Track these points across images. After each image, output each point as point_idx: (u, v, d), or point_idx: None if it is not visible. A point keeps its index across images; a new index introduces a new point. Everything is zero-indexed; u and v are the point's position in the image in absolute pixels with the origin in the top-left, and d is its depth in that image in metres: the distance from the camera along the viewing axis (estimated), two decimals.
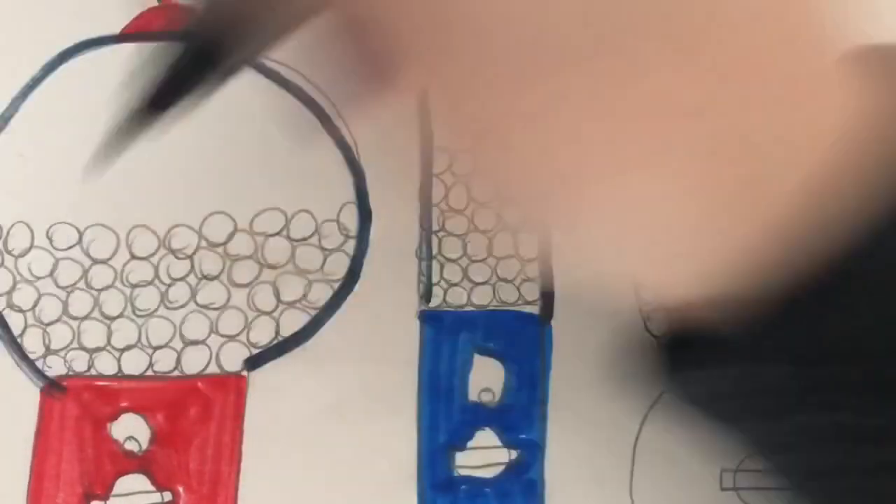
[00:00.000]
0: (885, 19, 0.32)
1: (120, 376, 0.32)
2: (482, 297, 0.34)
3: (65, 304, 0.32)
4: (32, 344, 0.32)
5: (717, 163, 0.21)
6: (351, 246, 0.33)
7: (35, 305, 0.32)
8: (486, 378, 0.33)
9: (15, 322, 0.32)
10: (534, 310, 0.34)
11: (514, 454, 0.33)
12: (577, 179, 0.21)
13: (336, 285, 0.33)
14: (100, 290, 0.32)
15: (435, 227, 0.34)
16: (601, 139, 0.20)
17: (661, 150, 0.20)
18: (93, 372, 0.32)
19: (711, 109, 0.20)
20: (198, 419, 0.32)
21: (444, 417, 0.33)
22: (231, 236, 0.33)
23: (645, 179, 0.21)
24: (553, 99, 0.20)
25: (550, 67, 0.20)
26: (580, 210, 0.22)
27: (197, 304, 0.32)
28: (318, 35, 0.33)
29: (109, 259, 0.32)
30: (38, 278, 0.32)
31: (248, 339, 0.33)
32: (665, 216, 0.21)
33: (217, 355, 0.32)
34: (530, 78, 0.20)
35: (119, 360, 0.32)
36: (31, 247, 0.32)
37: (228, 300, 0.33)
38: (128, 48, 0.33)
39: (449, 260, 0.34)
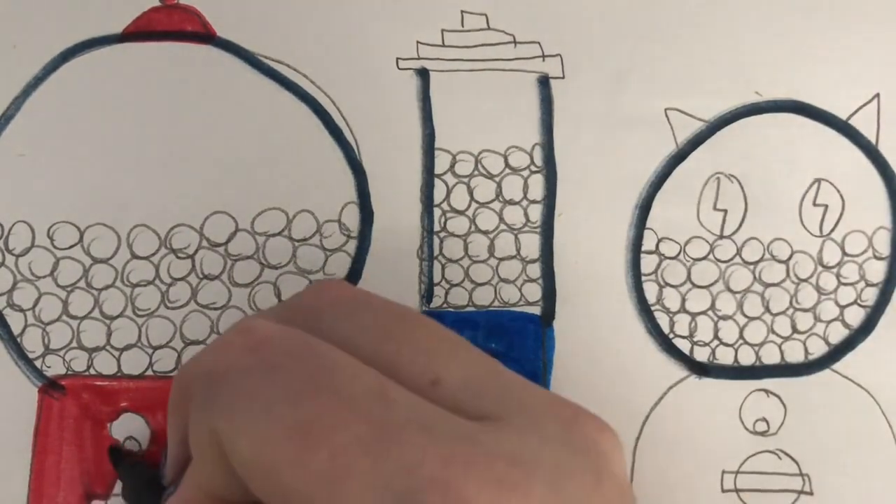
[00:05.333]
0: None
1: (119, 376, 0.32)
2: (483, 298, 0.34)
3: (65, 304, 0.32)
4: (32, 343, 0.32)
5: None
6: (352, 246, 0.33)
7: (35, 305, 0.32)
8: None
9: (15, 321, 0.32)
10: (535, 311, 0.34)
11: None
12: None
13: None
14: (100, 290, 0.32)
15: (436, 227, 0.34)
16: None
17: None
18: (92, 371, 0.32)
19: None
20: None
21: None
22: (232, 236, 0.33)
23: None
24: None
25: None
26: None
27: (198, 303, 0.32)
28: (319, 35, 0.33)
29: (110, 258, 0.32)
30: (39, 277, 0.32)
31: None
32: None
33: None
34: None
35: (119, 360, 0.32)
36: (32, 246, 0.32)
37: (229, 300, 0.33)
38: (130, 48, 0.33)
39: (450, 260, 0.34)
